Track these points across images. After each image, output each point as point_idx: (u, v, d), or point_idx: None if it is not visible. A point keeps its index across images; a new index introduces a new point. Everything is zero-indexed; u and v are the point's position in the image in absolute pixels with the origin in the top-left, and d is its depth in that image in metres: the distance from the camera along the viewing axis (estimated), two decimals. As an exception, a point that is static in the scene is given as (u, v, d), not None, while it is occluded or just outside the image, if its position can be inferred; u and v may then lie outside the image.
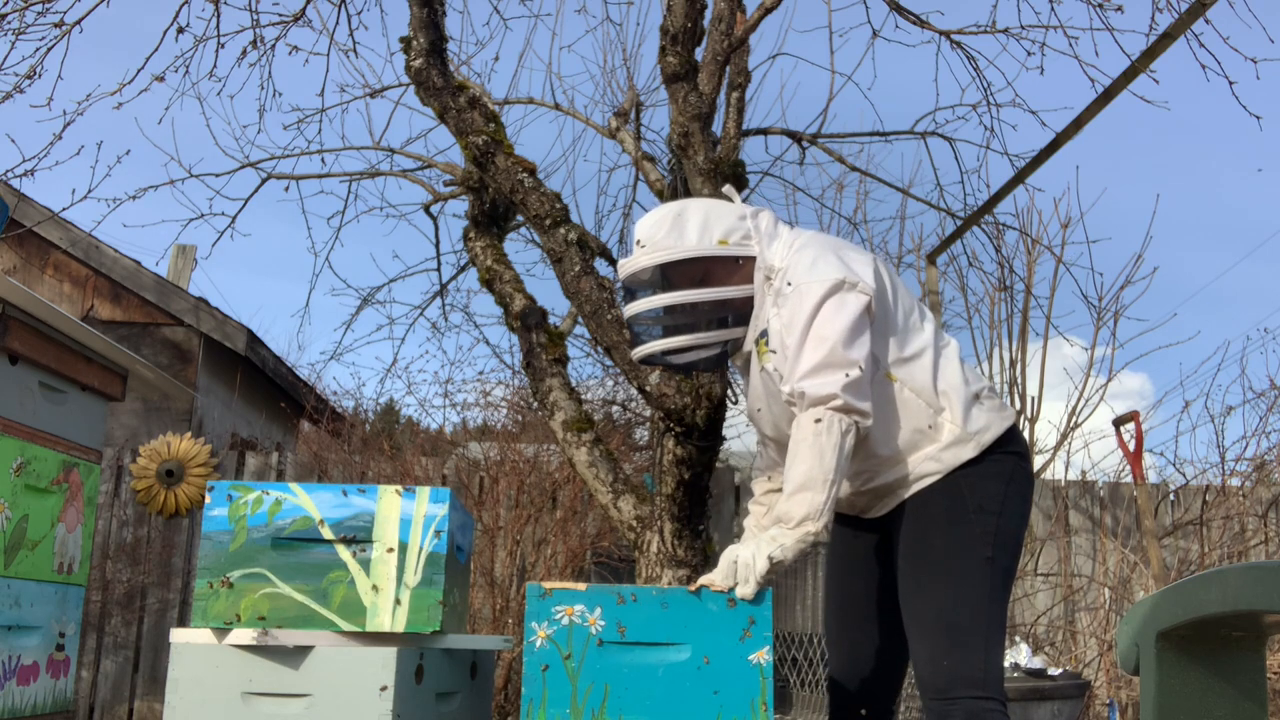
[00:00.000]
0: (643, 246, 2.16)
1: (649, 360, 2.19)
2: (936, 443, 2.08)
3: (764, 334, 2.12)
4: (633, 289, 2.18)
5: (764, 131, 5.44)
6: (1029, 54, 4.75)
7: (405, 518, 2.21)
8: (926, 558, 2.04)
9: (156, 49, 4.72)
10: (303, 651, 2.11)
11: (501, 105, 5.81)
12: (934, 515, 2.04)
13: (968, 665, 2.00)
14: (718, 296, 2.11)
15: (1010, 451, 2.13)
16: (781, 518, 1.95)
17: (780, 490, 2.10)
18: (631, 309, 2.17)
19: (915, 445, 2.09)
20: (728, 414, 3.85)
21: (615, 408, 7.53)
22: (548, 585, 2.02)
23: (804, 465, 1.94)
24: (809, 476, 1.93)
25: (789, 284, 2.06)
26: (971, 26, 4.85)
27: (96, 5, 4.49)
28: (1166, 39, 3.07)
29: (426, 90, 4.18)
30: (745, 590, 1.93)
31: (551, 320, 4.53)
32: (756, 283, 2.13)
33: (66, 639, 3.35)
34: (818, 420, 1.95)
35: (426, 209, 5.76)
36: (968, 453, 2.07)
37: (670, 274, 2.12)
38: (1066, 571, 5.70)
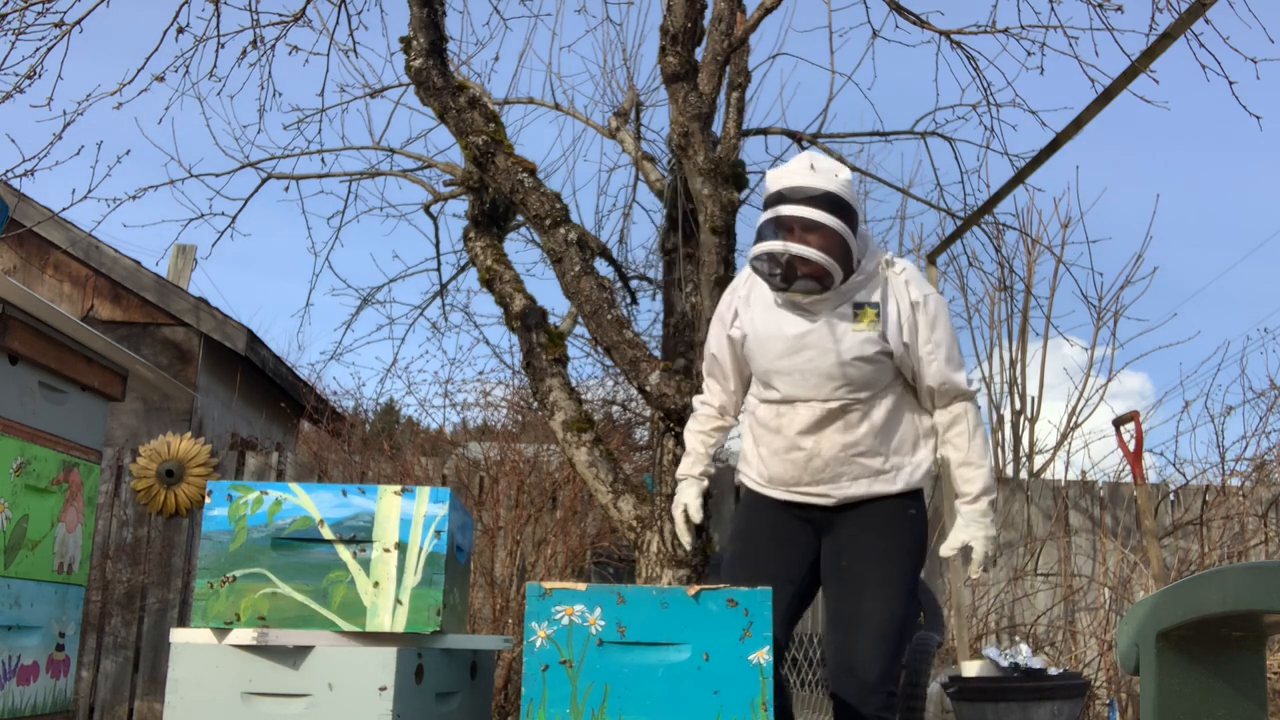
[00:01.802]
0: (821, 172, 2.38)
1: (776, 255, 2.34)
2: (915, 455, 2.47)
3: (874, 305, 2.41)
4: (787, 197, 2.36)
5: (764, 131, 5.44)
6: (1029, 54, 4.76)
7: (405, 518, 2.21)
8: (883, 568, 2.39)
9: (156, 49, 4.73)
10: (303, 651, 2.11)
11: (501, 105, 5.81)
12: (897, 537, 2.42)
13: (893, 665, 2.36)
14: (850, 243, 2.37)
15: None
16: (986, 491, 2.43)
17: (719, 429, 2.65)
18: (803, 212, 2.33)
19: (900, 448, 2.46)
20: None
21: (615, 408, 7.53)
22: (548, 585, 2.02)
23: (988, 448, 2.48)
24: (991, 458, 2.47)
25: (926, 294, 2.44)
26: (971, 26, 4.85)
27: (96, 5, 4.49)
28: (1166, 39, 3.06)
29: (426, 90, 4.18)
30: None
31: (551, 320, 4.53)
32: (870, 265, 2.43)
33: (66, 639, 3.35)
34: (978, 409, 2.50)
35: (426, 209, 5.76)
36: (926, 482, 2.49)
37: (831, 205, 2.35)
38: (1066, 571, 5.70)
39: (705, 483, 2.61)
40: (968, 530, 2.42)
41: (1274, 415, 6.31)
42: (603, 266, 5.31)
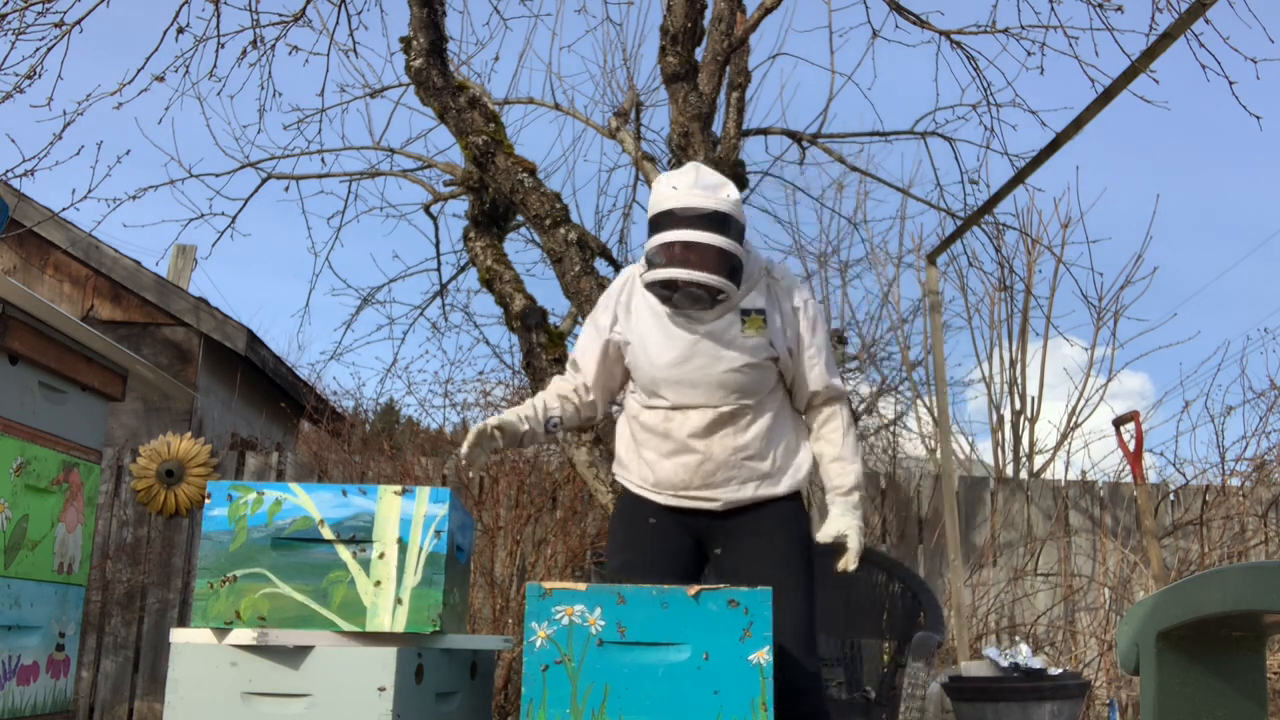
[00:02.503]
0: (709, 189, 2.33)
1: (663, 282, 2.31)
2: (797, 457, 2.50)
3: (760, 312, 2.41)
4: (678, 217, 2.31)
5: (764, 131, 5.44)
6: (1029, 54, 4.76)
7: (405, 518, 2.21)
8: (784, 573, 2.39)
9: (156, 49, 4.74)
10: (302, 651, 2.11)
11: (501, 105, 5.81)
12: (789, 540, 2.44)
13: (813, 665, 2.39)
14: (741, 259, 2.36)
15: None
16: (858, 485, 2.49)
17: (566, 401, 2.57)
18: (696, 235, 2.30)
19: (786, 451, 2.48)
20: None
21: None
22: (548, 585, 2.02)
23: (859, 445, 2.52)
24: (860, 455, 2.52)
25: (805, 299, 2.47)
26: (971, 26, 4.85)
27: (96, 5, 4.49)
28: (1166, 39, 3.06)
29: (426, 90, 4.18)
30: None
31: (551, 320, 4.53)
32: (752, 271, 2.43)
33: (66, 639, 3.35)
34: (850, 408, 2.46)
35: (426, 209, 5.76)
36: (805, 483, 2.52)
37: (722, 224, 2.32)
38: (1066, 571, 5.70)
39: (525, 427, 2.48)
40: (844, 520, 2.46)
41: (1274, 415, 6.32)
42: (603, 266, 5.31)
